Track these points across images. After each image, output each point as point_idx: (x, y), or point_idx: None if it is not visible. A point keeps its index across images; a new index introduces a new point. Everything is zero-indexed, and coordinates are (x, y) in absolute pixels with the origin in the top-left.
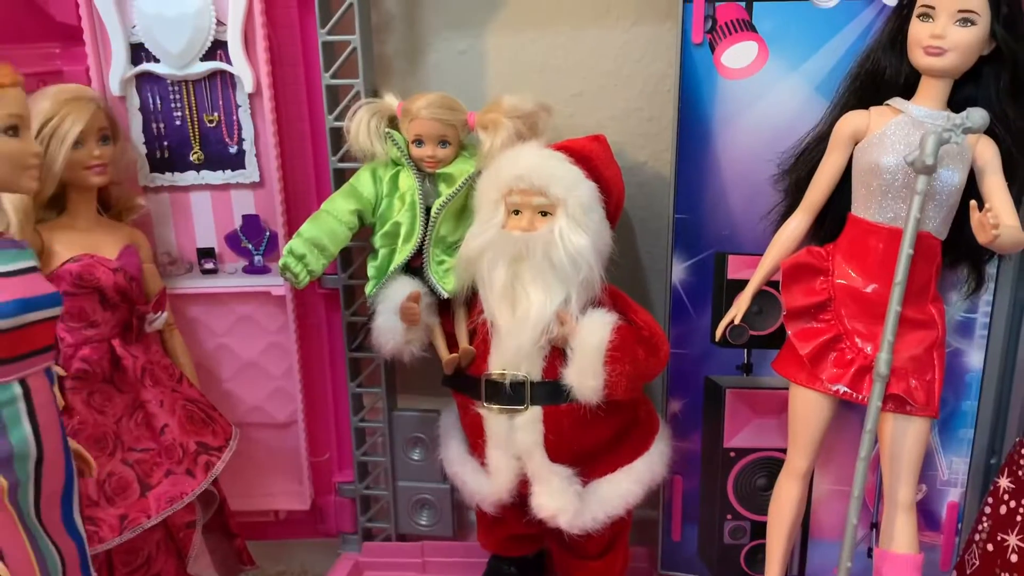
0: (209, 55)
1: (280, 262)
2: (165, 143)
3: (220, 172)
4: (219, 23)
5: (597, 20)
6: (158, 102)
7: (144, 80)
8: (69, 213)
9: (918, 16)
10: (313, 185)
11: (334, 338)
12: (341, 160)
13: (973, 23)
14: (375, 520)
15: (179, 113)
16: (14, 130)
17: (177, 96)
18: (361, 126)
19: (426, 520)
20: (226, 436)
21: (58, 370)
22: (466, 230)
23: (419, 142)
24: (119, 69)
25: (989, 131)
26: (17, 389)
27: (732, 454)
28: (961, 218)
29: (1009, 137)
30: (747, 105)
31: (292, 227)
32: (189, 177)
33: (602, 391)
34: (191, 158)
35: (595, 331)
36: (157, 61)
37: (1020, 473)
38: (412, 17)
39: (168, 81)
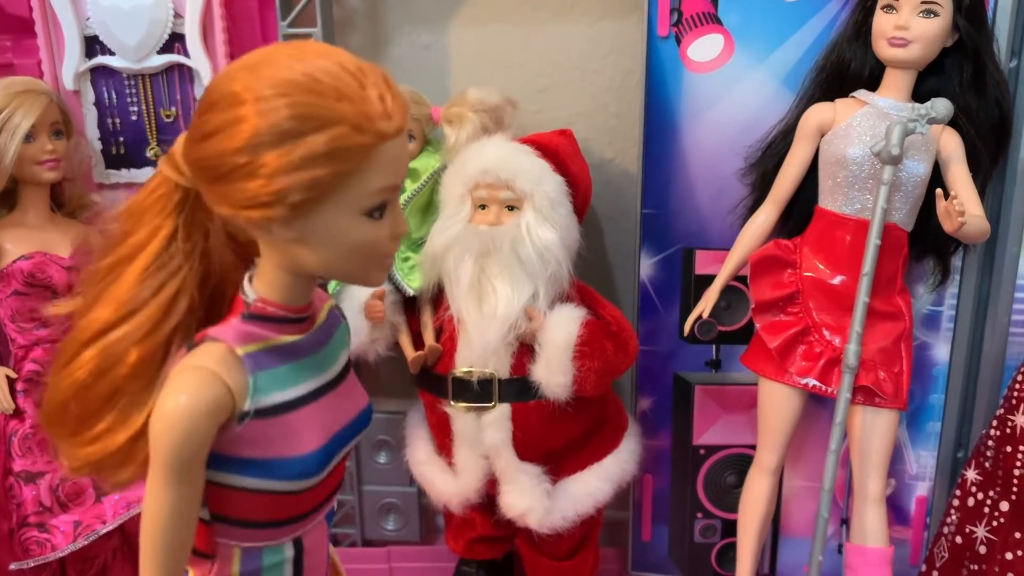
0: (166, 48)
1: None
2: (121, 138)
3: None
4: (176, 15)
5: (562, 15)
6: (113, 96)
7: (99, 74)
8: (20, 209)
9: (882, 8)
10: None
11: None
12: None
13: (936, 14)
14: (340, 526)
15: (135, 108)
16: (382, 209)
17: (133, 90)
18: None
19: (393, 525)
20: None
21: (8, 372)
22: (431, 226)
23: None
24: (73, 63)
25: (953, 123)
26: (289, 551)
27: (702, 451)
28: (927, 210)
29: (972, 128)
30: (714, 99)
31: None
32: (146, 173)
33: (571, 387)
34: (148, 154)
35: (563, 326)
36: (112, 54)
37: (987, 465)
38: (375, 11)
39: (124, 75)
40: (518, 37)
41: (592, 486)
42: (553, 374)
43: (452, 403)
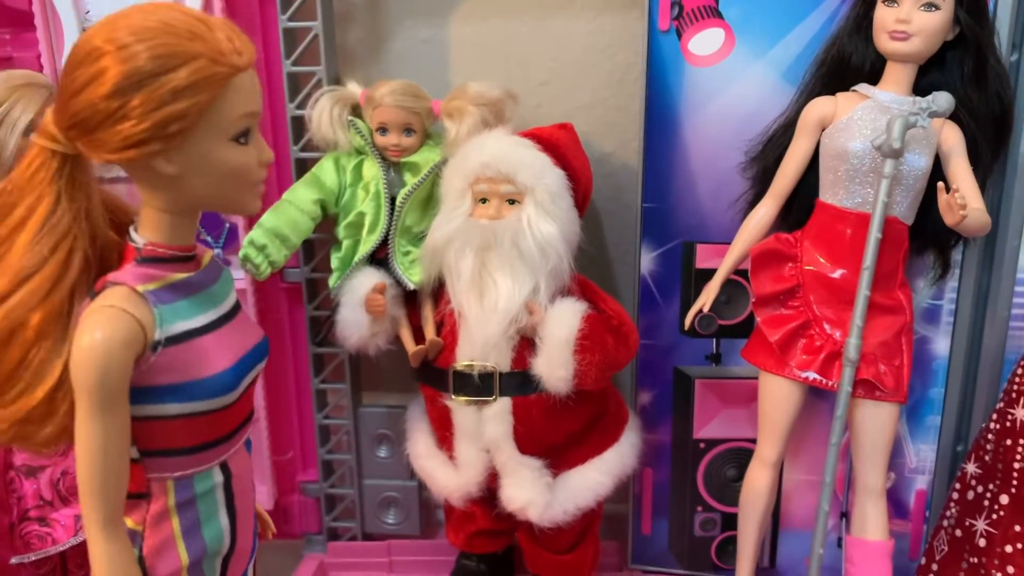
0: None
1: (240, 253)
2: None
3: None
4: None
5: (563, 9)
6: None
7: None
8: None
9: (883, 2)
10: (274, 175)
11: (296, 333)
12: (303, 150)
13: (937, 8)
14: (340, 520)
15: None
16: (246, 135)
17: None
18: (323, 114)
19: (393, 519)
20: None
21: None
22: (432, 220)
23: (383, 130)
24: None
25: (953, 116)
26: (218, 476)
27: (702, 445)
28: (927, 204)
29: (973, 122)
30: (714, 93)
31: (252, 219)
32: None
33: (572, 381)
34: None
35: (564, 320)
36: None
37: (986, 458)
38: (375, 5)
39: None
40: (518, 31)
41: (593, 479)
42: (554, 368)
43: (453, 397)
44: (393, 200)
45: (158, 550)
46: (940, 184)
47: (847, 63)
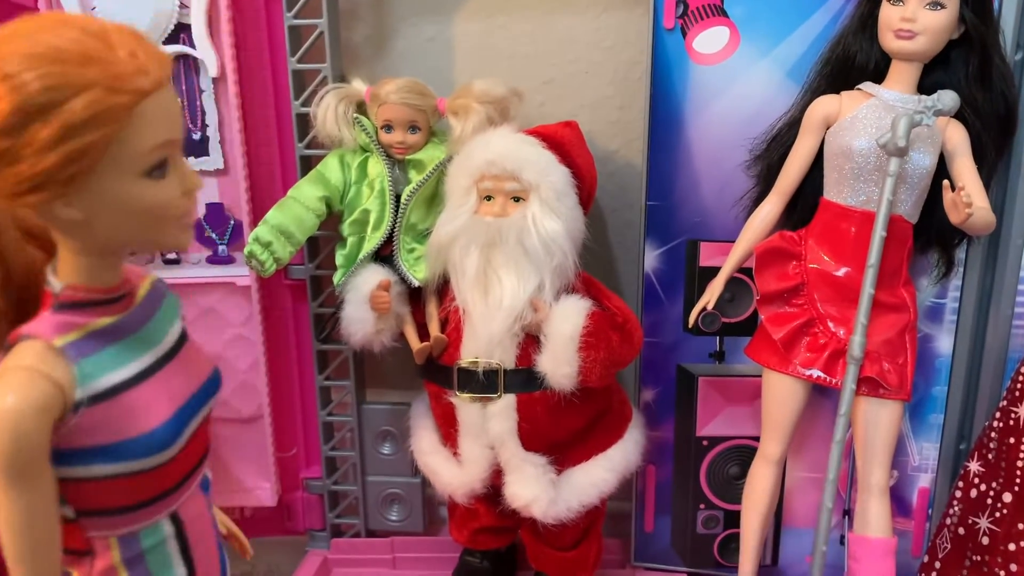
0: (172, 38)
1: (245, 249)
2: None
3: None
4: (182, 5)
5: (567, 7)
6: None
7: None
8: None
9: (888, 0)
10: (279, 172)
11: (301, 330)
12: (307, 147)
13: (943, 6)
14: (344, 516)
15: None
16: (162, 167)
17: None
18: (328, 111)
19: (396, 515)
20: None
21: None
22: (437, 217)
23: (388, 128)
24: None
25: (958, 115)
26: (167, 528)
27: (705, 443)
28: (931, 202)
29: (978, 121)
30: (719, 91)
31: (257, 215)
32: None
33: (576, 378)
34: None
35: (569, 317)
36: None
37: (990, 457)
38: (380, 3)
39: None
40: (522, 29)
41: (597, 476)
42: (559, 365)
43: (457, 393)
44: (398, 197)
45: None
46: (946, 182)
47: (852, 62)
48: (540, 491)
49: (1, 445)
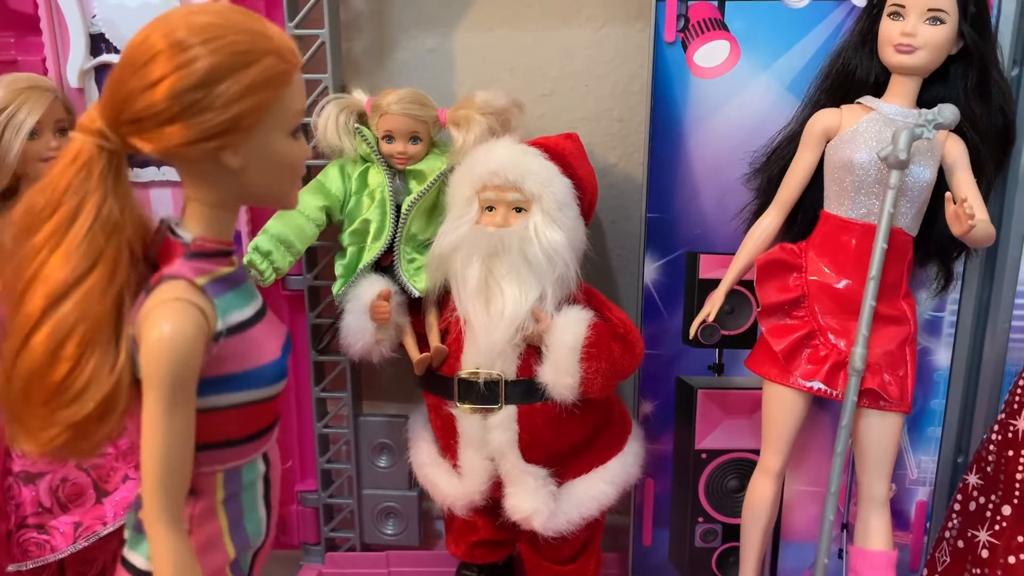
0: None
1: (245, 259)
2: None
3: None
4: None
5: (567, 20)
6: None
7: (104, 72)
8: None
9: (888, 15)
10: None
11: (297, 341)
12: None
13: (943, 21)
14: (339, 530)
15: None
16: (299, 130)
17: None
18: (329, 121)
19: (392, 529)
20: None
21: None
22: (437, 228)
23: (389, 138)
24: (78, 60)
25: (957, 129)
26: (261, 466)
27: (703, 456)
28: (931, 215)
29: (976, 135)
30: (719, 104)
31: (256, 225)
32: (149, 173)
33: (578, 389)
34: None
35: (571, 328)
36: (118, 52)
37: (988, 470)
38: (380, 14)
39: None
40: (523, 41)
41: (597, 488)
42: (560, 375)
43: (458, 404)
44: (398, 208)
45: (205, 547)
46: (948, 194)
47: (852, 76)
48: (540, 503)
49: (163, 369)
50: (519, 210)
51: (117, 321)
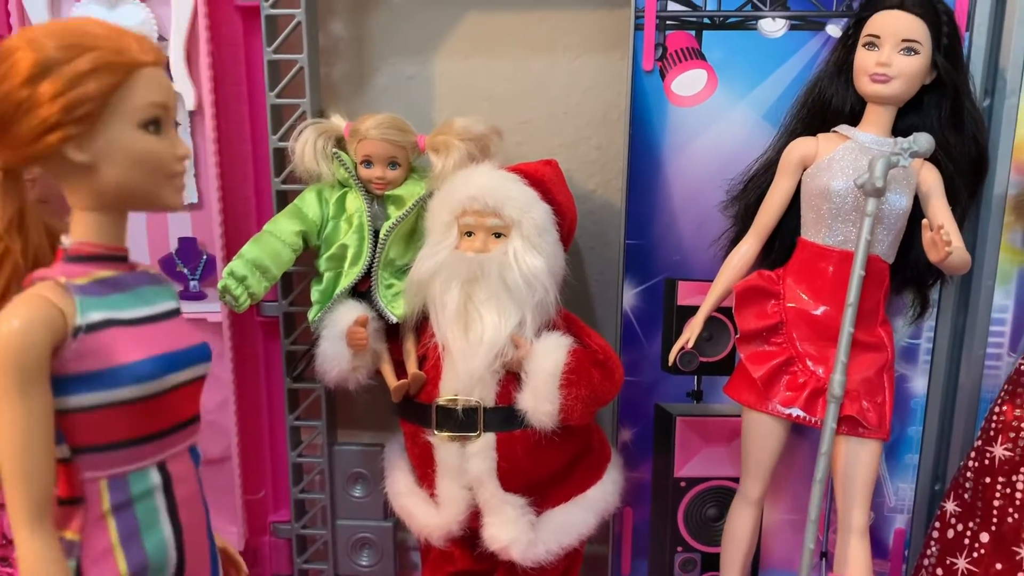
0: None
1: (220, 284)
2: None
3: None
4: (160, 39)
5: (546, 48)
6: None
7: None
8: None
9: (863, 45)
10: (254, 207)
11: (272, 368)
12: (284, 182)
13: (916, 52)
14: (312, 561)
15: None
16: (156, 124)
17: None
18: (307, 146)
19: (367, 560)
20: None
21: None
22: (415, 254)
23: (368, 163)
24: None
25: (931, 158)
26: (155, 477)
27: (683, 484)
28: (907, 243)
29: (951, 163)
30: (697, 132)
31: (231, 251)
32: None
33: (557, 415)
34: None
35: (550, 354)
36: None
37: (966, 496)
38: (360, 40)
39: None
40: (502, 69)
41: (576, 517)
42: (540, 402)
43: (436, 432)
44: (376, 233)
45: (95, 559)
46: (925, 221)
47: (828, 105)
48: (519, 533)
49: (7, 356)
50: (498, 235)
51: None
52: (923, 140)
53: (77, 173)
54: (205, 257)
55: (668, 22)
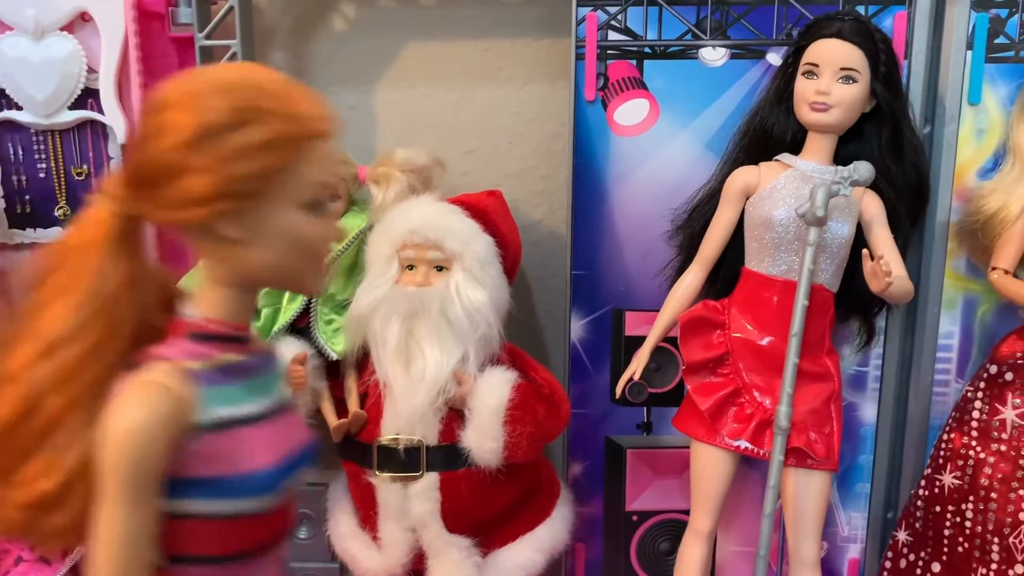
0: (79, 103)
1: None
2: (27, 197)
3: None
4: (90, 70)
5: (490, 78)
6: (20, 152)
7: (4, 129)
8: None
9: (803, 74)
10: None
11: None
12: None
13: (855, 80)
14: None
15: (43, 165)
16: (318, 205)
17: (42, 146)
18: None
19: None
20: None
21: None
22: (356, 288)
23: None
24: None
25: (873, 186)
26: None
27: (635, 518)
28: (851, 271)
29: (892, 191)
30: (640, 162)
31: None
32: (53, 233)
33: (502, 453)
34: (56, 213)
35: (494, 390)
36: (20, 108)
37: (917, 526)
38: (300, 70)
39: (32, 130)
40: (446, 99)
41: (524, 557)
42: (484, 439)
43: (377, 473)
44: None
45: None
46: (865, 251)
47: (769, 134)
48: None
49: (121, 457)
50: (440, 269)
51: (95, 399)
52: (863, 168)
53: (221, 245)
54: None
55: (609, 52)
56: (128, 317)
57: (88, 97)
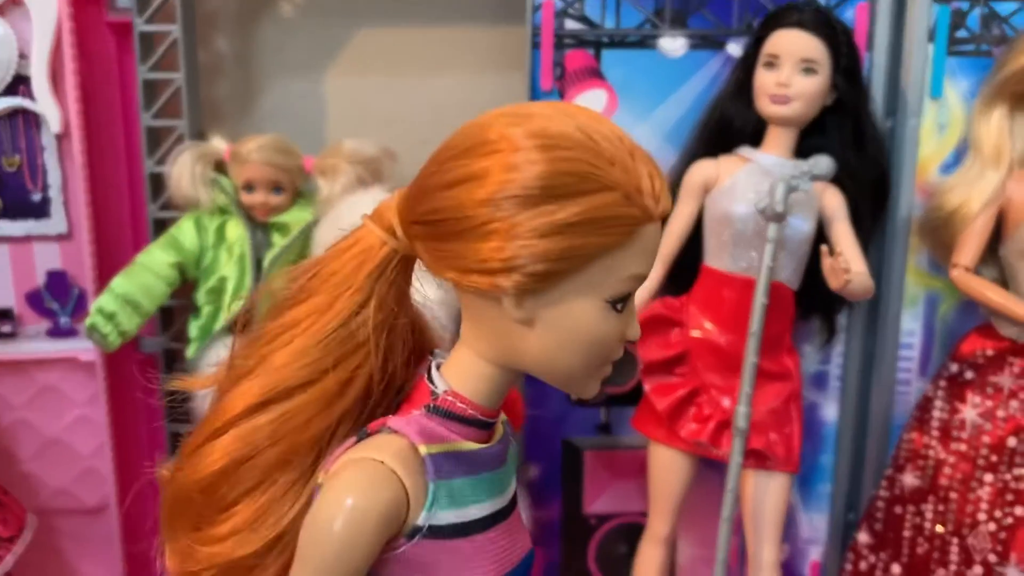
0: (9, 91)
1: (87, 321)
2: None
3: (21, 222)
4: (21, 56)
5: (444, 68)
6: None
7: None
8: None
9: (763, 65)
10: (129, 237)
11: (153, 410)
12: (162, 209)
13: (816, 72)
14: None
15: None
16: (624, 301)
17: None
18: (184, 170)
19: None
20: (19, 526)
21: None
22: None
23: (250, 188)
24: None
25: (835, 180)
26: None
27: (593, 521)
28: (812, 268)
29: (854, 186)
30: None
31: (104, 284)
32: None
33: None
34: None
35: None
36: None
37: (877, 527)
38: (245, 58)
39: None
40: (399, 88)
41: None
42: None
43: None
44: (259, 263)
45: None
46: (823, 247)
47: (729, 126)
48: None
49: (329, 546)
50: None
51: (313, 460)
52: (823, 163)
53: (497, 319)
54: (76, 291)
55: (566, 40)
56: (373, 366)
57: (19, 83)
